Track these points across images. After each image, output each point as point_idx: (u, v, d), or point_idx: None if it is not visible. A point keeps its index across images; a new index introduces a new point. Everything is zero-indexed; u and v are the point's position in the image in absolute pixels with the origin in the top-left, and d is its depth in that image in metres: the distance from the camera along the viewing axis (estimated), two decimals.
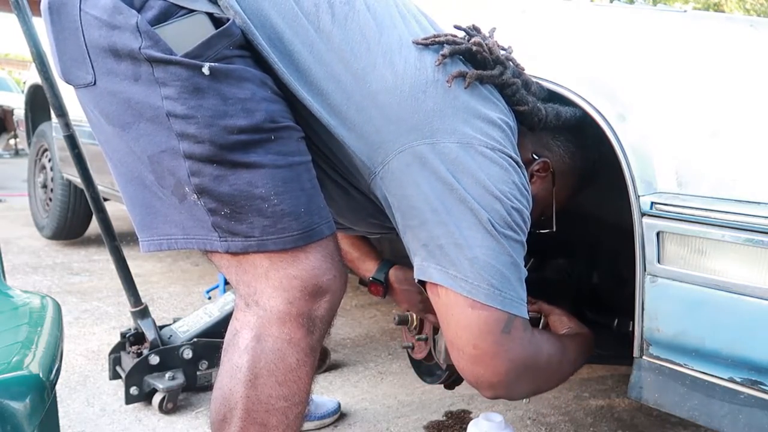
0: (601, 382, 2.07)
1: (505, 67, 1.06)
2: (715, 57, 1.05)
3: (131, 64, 0.88)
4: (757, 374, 0.97)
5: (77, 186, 3.34)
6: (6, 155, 9.90)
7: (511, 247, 0.99)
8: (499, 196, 0.97)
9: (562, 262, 1.70)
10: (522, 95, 1.08)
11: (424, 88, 0.98)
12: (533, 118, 1.09)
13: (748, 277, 0.95)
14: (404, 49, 1.00)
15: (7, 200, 5.50)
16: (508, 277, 0.98)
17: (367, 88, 0.97)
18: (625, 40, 1.16)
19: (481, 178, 0.97)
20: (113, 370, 1.82)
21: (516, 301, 1.00)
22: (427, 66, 1.00)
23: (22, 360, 0.89)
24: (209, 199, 0.90)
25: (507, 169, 0.99)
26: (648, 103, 1.07)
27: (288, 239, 0.91)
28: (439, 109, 0.98)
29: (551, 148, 1.19)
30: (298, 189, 0.93)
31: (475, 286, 0.96)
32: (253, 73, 0.93)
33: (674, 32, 1.13)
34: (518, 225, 1.00)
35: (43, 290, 2.78)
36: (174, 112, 0.88)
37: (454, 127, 0.97)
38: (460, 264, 0.96)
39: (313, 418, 1.67)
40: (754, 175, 0.95)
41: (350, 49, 0.97)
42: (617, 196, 1.14)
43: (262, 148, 0.90)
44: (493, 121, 1.01)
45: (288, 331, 0.93)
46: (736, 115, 0.99)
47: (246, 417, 0.93)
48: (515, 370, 1.02)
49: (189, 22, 0.90)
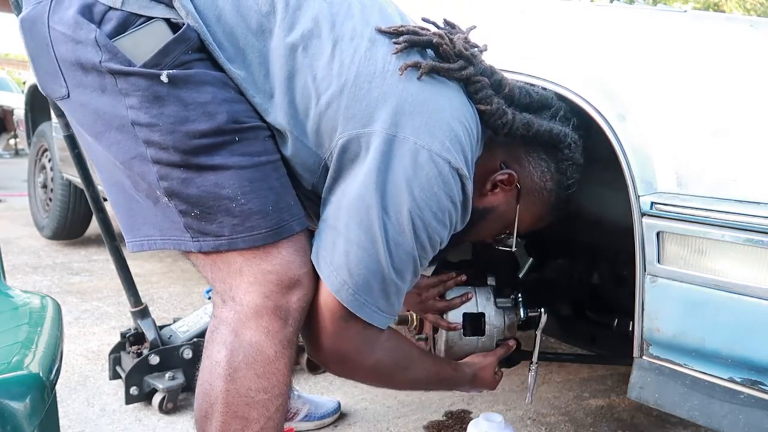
0: (601, 382, 2.07)
1: (471, 63, 1.01)
2: (715, 57, 1.05)
3: (97, 76, 0.91)
4: (757, 374, 0.97)
5: (77, 186, 3.33)
6: (6, 155, 9.90)
7: (394, 256, 0.95)
8: (411, 204, 0.93)
9: (562, 262, 1.70)
10: (486, 94, 1.02)
11: (370, 78, 0.95)
12: (496, 121, 1.03)
13: (748, 277, 0.95)
14: (356, 39, 0.97)
15: (7, 200, 5.49)
16: (369, 283, 0.95)
17: (314, 76, 0.95)
18: (625, 40, 1.16)
19: (403, 179, 0.93)
20: (113, 370, 1.82)
21: (367, 307, 0.97)
22: (377, 57, 0.97)
23: (22, 360, 0.89)
24: (179, 201, 0.93)
25: (435, 177, 0.94)
26: (648, 103, 1.07)
27: (257, 237, 0.93)
28: (383, 100, 0.94)
29: (522, 162, 1.14)
30: (265, 188, 0.94)
31: (334, 275, 0.95)
32: (213, 75, 0.93)
33: (674, 32, 1.13)
34: (419, 237, 0.95)
35: (43, 290, 2.78)
36: (138, 121, 0.91)
37: (396, 119, 0.94)
38: (335, 249, 0.95)
39: (313, 419, 1.67)
40: (754, 175, 0.95)
41: (302, 36, 0.96)
42: (617, 196, 1.14)
43: (226, 150, 0.92)
44: (442, 120, 0.96)
45: (265, 324, 0.94)
46: (736, 115, 0.99)
47: (226, 411, 0.94)
48: (337, 352, 1.03)
49: (146, 31, 0.91)
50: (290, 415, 1.64)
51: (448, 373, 1.25)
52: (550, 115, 1.12)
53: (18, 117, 4.75)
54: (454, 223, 1.00)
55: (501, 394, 1.92)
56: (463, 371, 1.28)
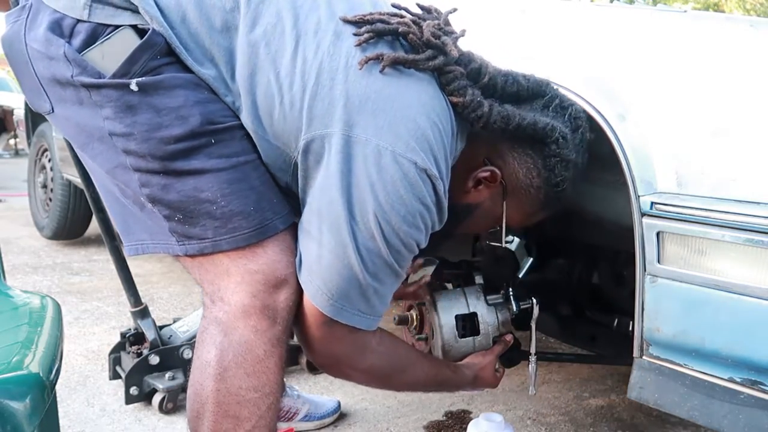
0: (601, 382, 2.07)
1: (441, 51, 0.94)
2: (714, 57, 1.05)
3: (73, 90, 0.92)
4: (757, 374, 0.97)
5: (77, 186, 3.33)
6: (6, 155, 9.90)
7: (367, 261, 0.92)
8: (376, 208, 0.89)
9: (562, 262, 1.70)
10: (459, 85, 0.96)
11: (333, 75, 0.90)
12: (470, 114, 0.97)
13: (748, 277, 0.95)
14: (320, 33, 0.93)
15: (7, 200, 5.50)
16: (343, 288, 0.93)
17: (277, 74, 0.92)
18: (625, 40, 1.16)
19: (367, 182, 0.89)
20: (113, 370, 1.82)
21: (347, 312, 0.95)
22: (341, 52, 0.92)
23: (22, 360, 0.89)
24: (162, 206, 0.94)
25: (401, 180, 0.89)
26: (648, 103, 1.06)
27: (240, 238, 0.93)
28: (345, 99, 0.90)
29: (506, 158, 1.07)
30: (245, 188, 0.93)
31: (308, 280, 0.94)
32: (184, 77, 0.92)
33: (674, 32, 1.13)
34: (390, 242, 0.91)
35: (43, 290, 2.78)
36: (114, 131, 0.92)
37: (358, 119, 0.89)
38: (309, 253, 0.94)
39: (312, 419, 1.67)
40: (754, 175, 0.95)
41: (264, 33, 0.92)
42: (617, 196, 1.14)
43: (202, 153, 0.91)
44: (408, 118, 0.90)
45: (253, 323, 0.94)
46: (736, 115, 0.99)
47: (218, 410, 0.95)
48: (325, 356, 1.03)
49: (113, 41, 0.90)
50: (290, 415, 1.64)
51: (447, 375, 1.25)
52: (542, 105, 1.04)
53: (18, 117, 4.75)
54: (428, 224, 0.96)
55: (501, 394, 1.92)
56: (463, 373, 1.28)
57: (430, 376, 1.20)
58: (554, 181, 1.07)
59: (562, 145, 1.04)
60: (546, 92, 1.05)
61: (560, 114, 1.05)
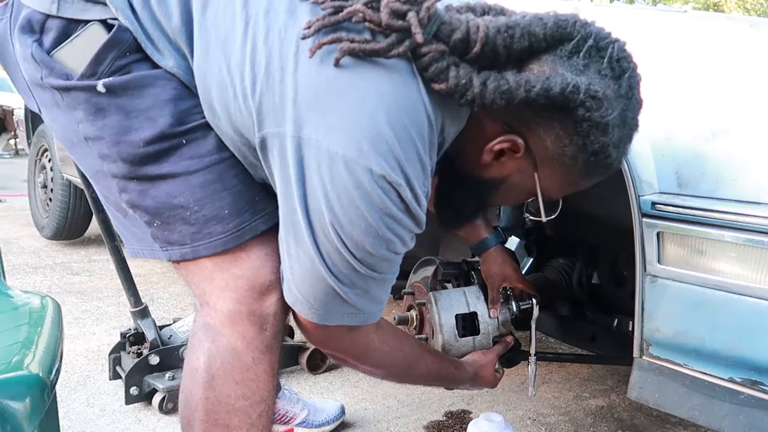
0: (601, 382, 2.07)
1: (407, 34, 0.78)
2: (714, 57, 1.05)
3: (50, 93, 0.88)
4: (757, 374, 0.97)
5: (77, 186, 3.33)
6: (6, 155, 9.90)
7: (338, 273, 0.84)
8: (333, 221, 0.79)
9: (562, 262, 1.70)
10: (438, 68, 0.79)
11: (282, 64, 0.79)
12: (459, 99, 0.81)
13: (748, 277, 0.95)
14: (272, 12, 0.81)
15: (7, 200, 5.49)
16: (320, 298, 0.87)
17: (228, 63, 0.83)
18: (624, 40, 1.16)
19: (320, 192, 0.78)
20: (113, 370, 1.82)
21: (330, 316, 0.90)
22: (293, 35, 0.79)
23: (22, 360, 0.89)
24: (141, 212, 0.91)
25: (353, 189, 0.77)
26: (648, 103, 1.06)
27: (218, 243, 0.89)
28: (295, 93, 0.78)
29: (530, 125, 0.87)
30: (221, 189, 0.88)
31: (288, 288, 0.90)
32: (154, 74, 0.86)
33: (674, 32, 1.13)
34: (356, 255, 0.82)
35: (43, 290, 2.78)
36: (87, 135, 0.88)
37: (309, 117, 0.77)
38: (283, 264, 0.89)
39: (311, 425, 1.64)
40: (754, 175, 0.95)
41: (214, 17, 0.84)
42: (617, 196, 1.14)
43: (174, 155, 0.86)
44: (365, 115, 0.77)
45: (240, 330, 0.91)
46: (736, 116, 0.99)
47: (207, 419, 0.93)
48: (327, 350, 1.03)
49: (82, 37, 0.85)
50: (286, 419, 1.62)
51: (449, 371, 1.25)
52: (569, 51, 0.82)
53: (18, 117, 4.75)
54: (402, 233, 0.83)
55: (501, 394, 1.92)
56: (464, 369, 1.28)
57: (433, 372, 1.20)
58: (591, 148, 0.86)
59: (592, 108, 0.82)
60: (573, 34, 0.83)
61: (595, 60, 0.83)
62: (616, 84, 0.85)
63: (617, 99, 0.85)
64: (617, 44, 0.85)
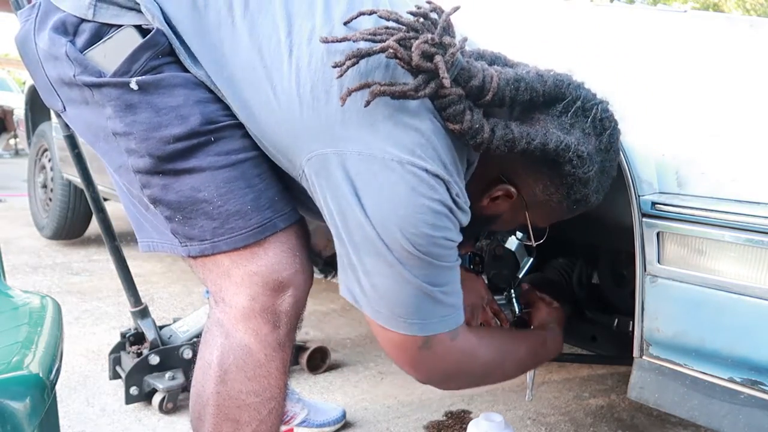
0: (601, 382, 2.07)
1: (434, 76, 0.85)
2: (714, 57, 1.05)
3: (78, 90, 0.92)
4: (757, 374, 0.97)
5: (77, 186, 3.33)
6: (6, 155, 9.91)
7: (419, 275, 0.88)
8: (400, 224, 0.85)
9: (562, 262, 1.70)
10: (456, 111, 0.87)
11: (327, 87, 0.86)
12: (469, 140, 0.89)
13: (748, 277, 0.95)
14: (314, 41, 0.88)
15: (7, 200, 5.49)
16: (414, 304, 0.90)
17: (274, 89, 0.88)
18: (624, 40, 1.16)
19: (382, 200, 0.85)
20: (113, 370, 1.82)
21: (430, 323, 0.92)
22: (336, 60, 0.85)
23: (22, 360, 0.89)
24: (163, 207, 0.93)
25: (416, 188, 0.84)
26: (648, 103, 1.06)
27: (238, 238, 0.92)
28: (343, 113, 0.85)
29: (521, 176, 1.00)
30: (244, 186, 0.92)
31: (376, 310, 0.91)
32: (185, 76, 0.91)
33: (674, 32, 1.13)
34: (427, 251, 0.87)
35: (43, 290, 2.78)
36: (116, 130, 0.91)
37: (359, 134, 0.85)
38: (363, 285, 0.90)
39: (311, 425, 1.64)
40: (754, 175, 0.95)
41: (259, 46, 0.89)
42: (617, 196, 1.14)
43: (201, 151, 0.90)
44: (410, 126, 0.86)
45: (253, 326, 0.93)
46: (735, 116, 0.99)
47: (218, 413, 0.94)
48: (438, 375, 1.01)
49: (116, 39, 0.90)
50: (286, 418, 1.62)
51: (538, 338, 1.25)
52: (560, 110, 0.95)
53: (18, 117, 4.76)
54: (456, 223, 0.91)
55: (501, 394, 1.92)
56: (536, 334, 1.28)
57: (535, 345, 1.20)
58: (574, 197, 1.00)
59: (576, 165, 0.94)
60: (565, 94, 0.95)
61: (581, 119, 0.95)
62: (598, 140, 0.97)
63: (598, 153, 0.97)
64: (601, 105, 0.97)
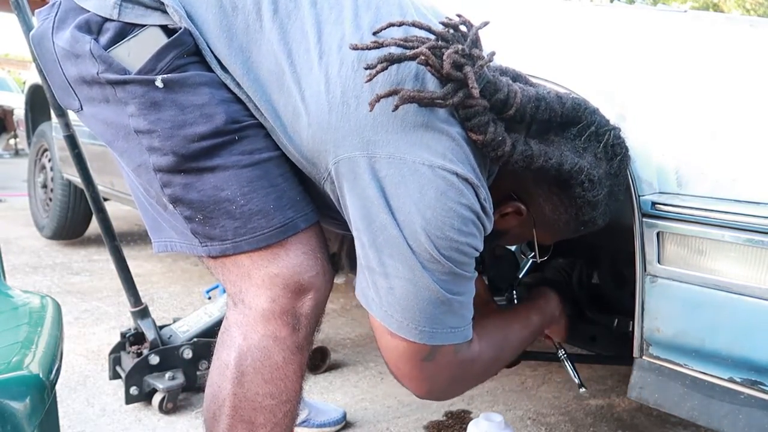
0: (601, 382, 2.07)
1: (462, 85, 0.86)
2: (714, 57, 1.05)
3: (99, 88, 0.92)
4: (757, 374, 0.97)
5: (77, 186, 3.33)
6: (6, 155, 9.91)
7: (438, 280, 0.88)
8: (426, 226, 0.86)
9: (562, 262, 1.70)
10: (480, 122, 0.88)
11: (357, 93, 0.87)
12: (490, 152, 0.91)
13: (748, 277, 0.95)
14: (345, 48, 0.89)
15: (7, 200, 5.49)
16: (428, 311, 0.90)
17: (302, 94, 0.90)
18: (624, 40, 1.16)
19: (409, 202, 0.86)
20: (113, 370, 1.82)
21: (439, 333, 0.92)
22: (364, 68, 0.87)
23: (22, 360, 0.89)
24: (183, 207, 0.93)
25: (445, 192, 0.86)
26: (648, 103, 1.06)
27: (260, 238, 0.92)
28: (373, 117, 0.86)
29: (531, 194, 1.02)
30: (267, 186, 0.92)
31: (389, 315, 0.91)
32: (210, 75, 0.92)
33: (674, 32, 1.13)
34: (449, 256, 0.88)
35: (43, 290, 2.78)
36: (139, 128, 0.91)
37: (388, 138, 0.86)
38: (379, 289, 0.90)
39: (311, 425, 1.64)
40: (753, 175, 0.95)
41: (289, 51, 0.91)
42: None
43: (225, 150, 0.90)
44: (441, 131, 0.88)
45: (273, 329, 0.93)
46: (735, 116, 0.99)
47: (233, 414, 0.94)
48: (439, 386, 1.01)
49: (140, 38, 0.90)
50: None
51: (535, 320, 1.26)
52: (575, 133, 0.97)
53: (18, 117, 4.76)
54: (481, 229, 0.92)
55: (501, 394, 1.92)
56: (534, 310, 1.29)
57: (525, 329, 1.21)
58: (582, 219, 1.03)
59: (587, 189, 0.97)
60: (581, 118, 0.97)
61: (594, 144, 0.98)
62: (609, 165, 0.99)
63: (608, 177, 0.99)
64: (614, 132, 0.99)
